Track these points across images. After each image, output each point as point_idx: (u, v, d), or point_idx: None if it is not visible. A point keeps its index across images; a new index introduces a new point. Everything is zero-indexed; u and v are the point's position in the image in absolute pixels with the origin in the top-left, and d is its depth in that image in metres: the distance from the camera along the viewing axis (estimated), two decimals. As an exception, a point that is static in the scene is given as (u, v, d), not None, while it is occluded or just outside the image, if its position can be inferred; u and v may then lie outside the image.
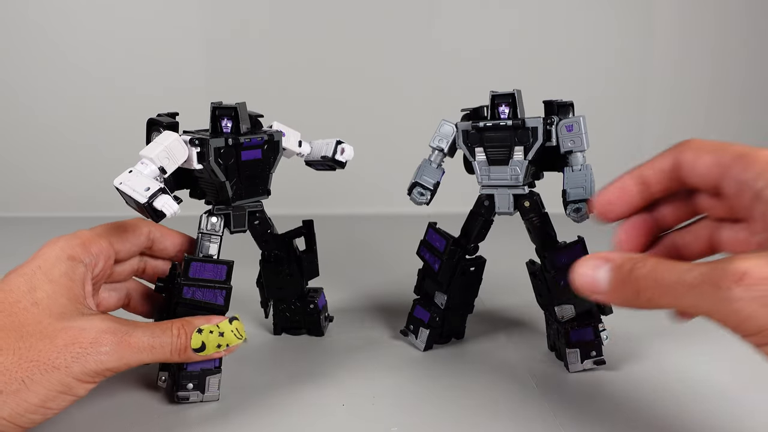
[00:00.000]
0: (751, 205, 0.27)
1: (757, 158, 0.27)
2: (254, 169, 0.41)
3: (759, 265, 0.22)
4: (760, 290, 0.22)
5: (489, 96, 0.44)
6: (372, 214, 1.12)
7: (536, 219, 0.45)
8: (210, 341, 0.36)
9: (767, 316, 0.22)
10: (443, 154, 0.47)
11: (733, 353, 0.48)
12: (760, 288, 0.22)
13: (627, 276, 0.27)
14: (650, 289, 0.26)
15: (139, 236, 0.41)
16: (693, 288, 0.24)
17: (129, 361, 0.33)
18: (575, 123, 0.42)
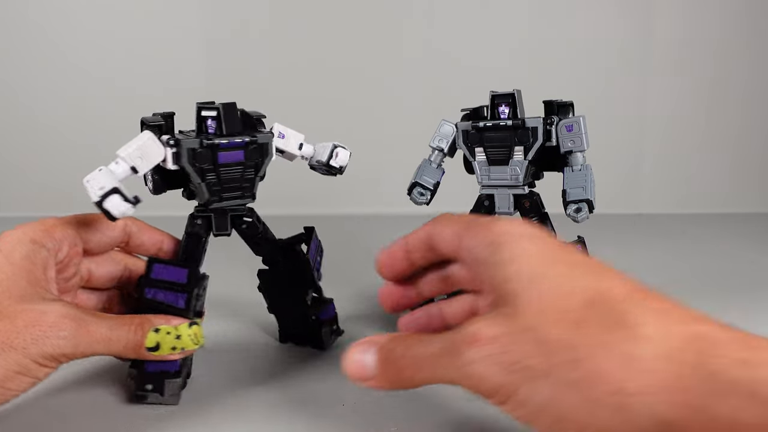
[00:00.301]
0: (479, 271, 0.27)
1: (482, 226, 0.28)
2: (234, 172, 0.40)
3: (487, 326, 0.24)
4: (489, 350, 0.23)
5: (489, 96, 0.45)
6: (372, 214, 1.12)
7: (536, 219, 0.45)
8: (165, 342, 0.35)
9: (499, 374, 0.23)
10: (443, 154, 0.47)
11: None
12: (488, 348, 0.23)
13: (389, 357, 0.27)
14: (409, 368, 0.26)
15: (113, 229, 0.39)
16: (439, 359, 0.25)
17: (84, 349, 0.33)
18: (575, 123, 0.42)
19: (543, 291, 0.24)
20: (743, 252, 0.86)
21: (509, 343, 0.23)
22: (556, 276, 0.24)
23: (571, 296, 0.24)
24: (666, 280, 0.70)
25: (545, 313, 0.23)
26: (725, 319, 0.58)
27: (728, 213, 1.19)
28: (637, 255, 0.85)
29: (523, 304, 0.24)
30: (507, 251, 0.26)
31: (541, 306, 0.23)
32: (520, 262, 0.25)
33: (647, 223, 1.12)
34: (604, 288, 0.24)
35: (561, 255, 0.26)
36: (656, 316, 0.23)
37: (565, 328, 0.23)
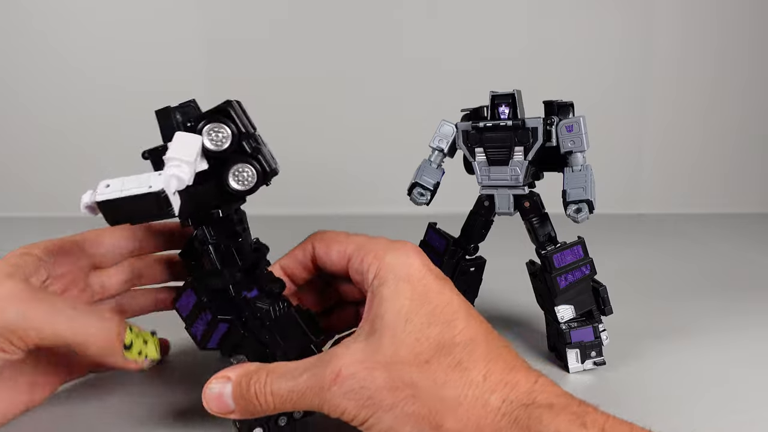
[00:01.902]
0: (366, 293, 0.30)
1: (372, 254, 0.31)
2: None
3: (350, 362, 0.27)
4: (348, 386, 0.26)
5: (489, 96, 0.44)
6: (372, 214, 1.12)
7: (536, 219, 0.45)
8: (136, 344, 0.32)
9: (355, 407, 0.26)
10: (443, 154, 0.47)
11: (732, 353, 0.48)
12: (348, 384, 0.26)
13: (246, 392, 0.29)
14: (270, 402, 0.28)
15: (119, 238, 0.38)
16: (304, 393, 0.27)
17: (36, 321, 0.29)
18: (575, 123, 0.42)
19: (404, 333, 0.27)
20: (743, 252, 0.86)
21: (366, 379, 0.26)
22: (418, 323, 0.27)
23: (424, 341, 0.27)
24: (666, 280, 0.71)
25: (401, 354, 0.27)
26: (725, 319, 0.58)
27: (728, 213, 1.19)
28: (637, 255, 0.85)
29: (385, 344, 0.27)
30: (387, 289, 0.29)
31: (399, 347, 0.27)
32: (394, 304, 0.28)
33: (647, 223, 1.12)
34: (450, 335, 0.27)
35: (429, 295, 0.29)
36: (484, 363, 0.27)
37: (414, 368, 0.26)
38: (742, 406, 0.40)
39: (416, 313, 0.28)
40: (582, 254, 0.44)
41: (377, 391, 0.26)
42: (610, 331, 0.46)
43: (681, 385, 0.43)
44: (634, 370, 0.45)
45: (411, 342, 0.27)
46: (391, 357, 0.27)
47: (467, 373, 0.26)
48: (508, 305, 0.59)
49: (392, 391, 0.26)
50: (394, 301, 0.28)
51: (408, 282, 0.29)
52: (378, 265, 0.30)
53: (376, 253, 0.31)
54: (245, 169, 0.32)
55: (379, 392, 0.26)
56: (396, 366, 0.26)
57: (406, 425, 0.26)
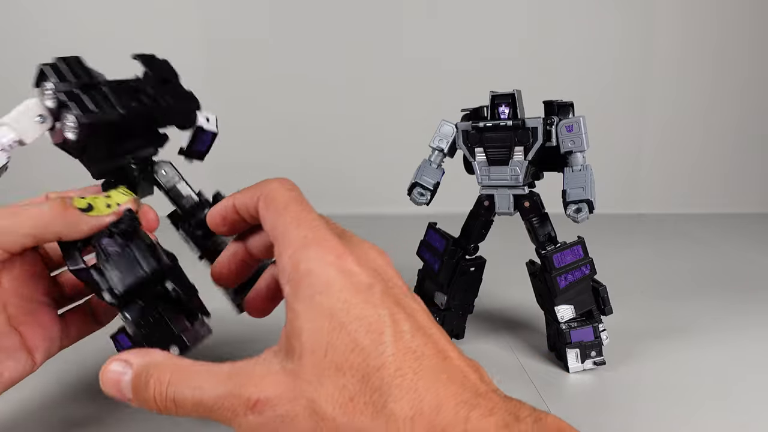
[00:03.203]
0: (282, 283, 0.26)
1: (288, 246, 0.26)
2: None
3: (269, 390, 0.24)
4: (267, 416, 0.24)
5: (489, 96, 0.45)
6: (372, 214, 1.12)
7: (536, 219, 0.45)
8: (97, 202, 0.32)
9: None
10: (443, 154, 0.47)
11: (732, 353, 0.48)
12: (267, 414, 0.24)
13: (144, 390, 0.26)
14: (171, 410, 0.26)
15: None
16: (213, 411, 0.25)
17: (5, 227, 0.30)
18: (575, 123, 0.42)
19: (325, 364, 0.24)
20: (743, 252, 0.86)
21: (286, 415, 0.24)
22: (339, 348, 0.24)
23: (347, 372, 0.23)
24: (666, 280, 0.71)
25: (323, 385, 0.23)
26: (725, 319, 0.58)
27: (728, 213, 1.19)
28: (637, 255, 0.85)
29: (306, 373, 0.24)
30: (301, 305, 0.25)
31: (321, 381, 0.24)
32: (312, 324, 0.24)
33: (647, 223, 1.12)
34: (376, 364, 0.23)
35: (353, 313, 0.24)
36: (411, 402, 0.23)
37: (338, 408, 0.23)
38: (741, 406, 0.40)
39: (338, 336, 0.24)
40: (582, 254, 0.44)
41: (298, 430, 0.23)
42: (610, 331, 0.46)
43: (681, 385, 0.43)
44: (634, 370, 0.45)
45: (333, 373, 0.24)
46: (314, 391, 0.24)
47: (394, 418, 0.23)
48: (508, 305, 0.59)
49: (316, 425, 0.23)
50: (310, 320, 0.24)
51: (326, 295, 0.25)
52: (292, 270, 0.26)
53: (291, 252, 0.26)
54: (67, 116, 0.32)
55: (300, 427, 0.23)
56: (320, 404, 0.23)
57: None
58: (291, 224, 0.27)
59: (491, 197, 0.46)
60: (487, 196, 0.46)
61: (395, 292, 0.26)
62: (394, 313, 0.25)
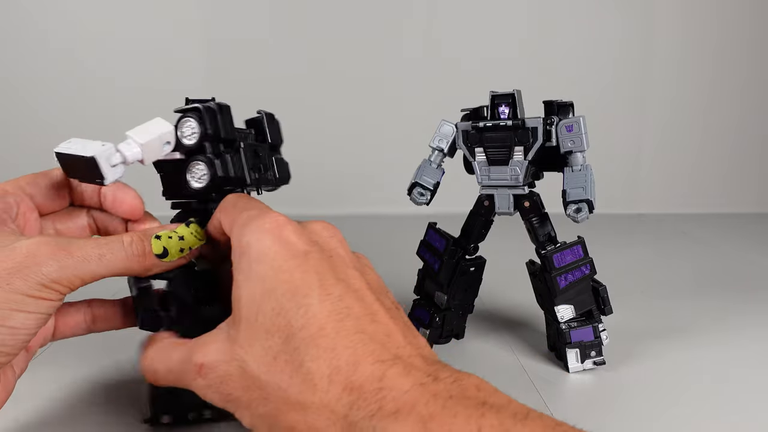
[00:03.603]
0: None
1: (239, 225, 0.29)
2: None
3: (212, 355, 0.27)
4: (209, 381, 0.27)
5: (489, 96, 0.44)
6: (372, 214, 1.12)
7: (536, 219, 0.45)
8: (171, 246, 0.33)
9: (220, 401, 0.27)
10: (443, 154, 0.47)
11: (732, 353, 0.48)
12: (209, 378, 0.26)
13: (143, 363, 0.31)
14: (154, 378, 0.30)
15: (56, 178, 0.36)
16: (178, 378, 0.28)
17: (75, 270, 0.30)
18: (575, 123, 0.42)
19: (256, 327, 0.26)
20: (743, 252, 0.86)
21: (224, 375, 0.26)
22: (268, 312, 0.26)
23: (274, 333, 0.25)
24: (666, 280, 0.71)
25: (253, 347, 0.26)
26: (725, 319, 0.58)
27: (728, 213, 1.19)
28: (637, 255, 0.85)
29: (241, 338, 0.26)
30: (241, 274, 0.27)
31: (252, 343, 0.26)
32: (247, 291, 0.27)
33: (647, 223, 1.12)
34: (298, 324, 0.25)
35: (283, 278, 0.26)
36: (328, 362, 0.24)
37: (263, 367, 0.25)
38: (741, 406, 0.40)
39: (267, 300, 0.26)
40: (582, 254, 0.44)
41: (235, 389, 0.26)
42: (610, 331, 0.46)
43: (681, 385, 0.43)
44: (634, 370, 0.45)
45: (262, 335, 0.26)
46: (245, 353, 0.26)
47: (311, 376, 0.24)
48: (508, 305, 0.59)
49: (246, 391, 0.26)
50: (247, 288, 0.27)
51: (260, 263, 0.27)
52: (236, 243, 0.28)
53: (236, 231, 0.29)
54: (198, 165, 0.33)
55: (236, 390, 0.26)
56: (249, 364, 0.26)
57: (263, 425, 0.25)
58: (238, 212, 0.30)
59: (491, 197, 0.46)
60: (487, 196, 0.46)
61: (333, 261, 0.28)
62: (324, 278, 0.26)
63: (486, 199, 0.46)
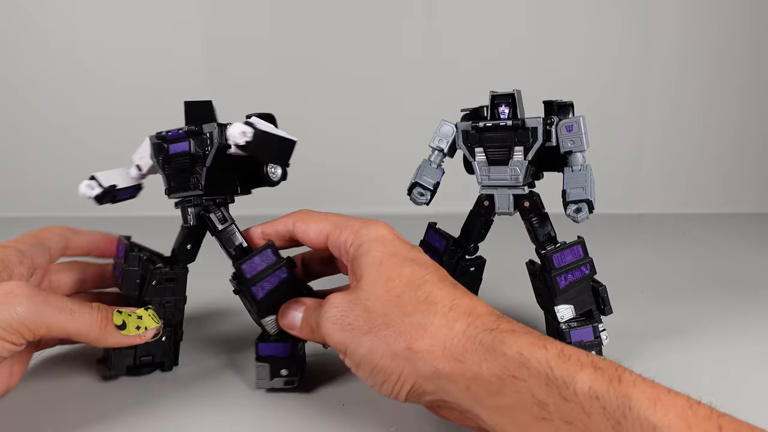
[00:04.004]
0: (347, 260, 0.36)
1: (347, 228, 0.36)
2: (183, 163, 0.40)
3: (337, 296, 0.33)
4: (333, 313, 0.32)
5: (489, 96, 0.44)
6: (372, 214, 1.12)
7: (536, 219, 0.45)
8: (130, 321, 0.36)
9: (337, 332, 0.32)
10: (443, 154, 0.47)
11: (732, 353, 0.48)
12: (333, 311, 0.32)
13: (307, 318, 0.36)
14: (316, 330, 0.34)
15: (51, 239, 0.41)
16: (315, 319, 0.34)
17: (46, 318, 0.32)
18: (575, 123, 0.42)
19: (378, 275, 0.32)
20: (743, 252, 0.86)
21: (346, 309, 0.32)
22: (390, 266, 0.32)
23: (396, 279, 0.32)
24: (666, 280, 0.71)
25: (374, 291, 0.32)
26: (725, 319, 0.58)
27: (728, 213, 1.19)
28: (637, 255, 0.85)
29: (363, 283, 0.32)
30: (363, 249, 0.34)
31: (373, 285, 0.32)
32: (370, 256, 0.33)
33: (647, 223, 1.12)
34: (420, 275, 0.32)
35: (400, 251, 0.34)
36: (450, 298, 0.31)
37: (386, 301, 0.31)
38: (742, 406, 0.40)
39: (389, 260, 0.33)
40: (582, 254, 0.44)
41: (355, 319, 0.31)
42: (610, 331, 0.46)
43: (681, 385, 0.42)
44: (634, 370, 0.45)
45: (384, 281, 0.32)
46: (367, 293, 0.32)
47: (433, 305, 0.30)
48: (508, 305, 0.59)
49: (368, 320, 0.31)
50: (368, 255, 0.33)
51: (380, 241, 0.34)
52: (354, 237, 0.35)
53: (351, 228, 0.36)
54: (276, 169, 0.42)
55: (356, 320, 0.31)
56: (371, 299, 0.31)
57: (380, 347, 0.30)
58: (339, 219, 0.37)
59: (491, 197, 0.46)
60: (487, 196, 0.46)
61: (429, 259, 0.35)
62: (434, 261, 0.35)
63: (486, 199, 0.46)
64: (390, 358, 0.29)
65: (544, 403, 0.25)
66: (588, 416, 0.24)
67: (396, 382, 0.30)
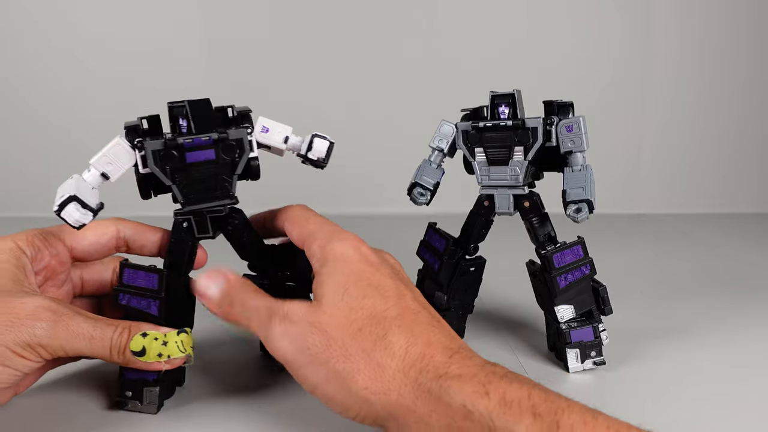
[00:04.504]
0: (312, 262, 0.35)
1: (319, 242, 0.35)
2: (206, 171, 0.37)
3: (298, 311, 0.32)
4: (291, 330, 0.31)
5: (489, 96, 0.44)
6: (372, 214, 1.12)
7: (536, 219, 0.45)
8: (152, 348, 0.35)
9: (292, 351, 0.31)
10: (443, 154, 0.47)
11: (732, 353, 0.48)
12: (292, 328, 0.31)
13: (227, 298, 0.35)
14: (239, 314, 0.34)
15: (102, 235, 0.39)
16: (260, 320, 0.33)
17: (64, 343, 0.32)
18: (575, 123, 0.42)
19: (341, 302, 0.32)
20: (743, 252, 0.86)
21: (306, 332, 0.31)
22: (354, 295, 0.32)
23: (358, 311, 0.31)
24: (666, 280, 0.71)
25: (337, 318, 0.31)
26: (725, 319, 0.58)
27: (728, 213, 1.19)
28: (637, 255, 0.85)
29: (325, 308, 0.32)
30: (328, 269, 0.33)
31: (335, 312, 0.31)
32: (334, 279, 0.33)
33: (647, 223, 1.12)
34: (381, 309, 0.32)
35: (364, 275, 0.33)
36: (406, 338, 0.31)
37: (347, 333, 0.31)
38: (741, 406, 0.40)
39: (353, 286, 0.32)
40: (582, 254, 0.44)
41: (314, 344, 0.31)
42: (610, 331, 0.46)
43: (681, 385, 0.43)
44: (634, 370, 0.45)
45: (346, 310, 0.31)
46: (329, 318, 0.31)
47: (391, 346, 0.30)
48: (508, 305, 0.59)
49: (327, 348, 0.30)
50: (332, 277, 0.33)
51: (345, 263, 0.33)
52: (320, 252, 0.35)
53: (320, 242, 0.35)
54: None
55: (315, 346, 0.30)
56: (332, 327, 0.31)
57: (336, 381, 0.30)
58: (315, 227, 0.36)
59: (491, 197, 0.46)
60: (487, 196, 0.46)
61: (401, 276, 0.36)
62: (398, 285, 0.33)
63: (486, 199, 0.46)
64: (347, 395, 0.30)
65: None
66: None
67: (355, 417, 0.30)
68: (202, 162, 0.37)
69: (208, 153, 0.37)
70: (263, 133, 0.40)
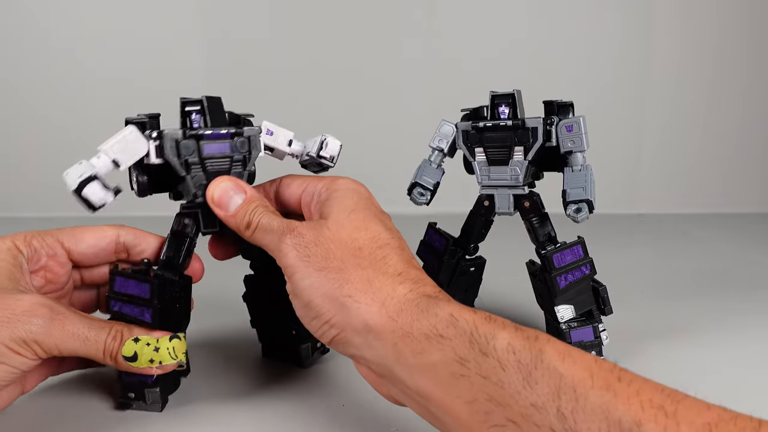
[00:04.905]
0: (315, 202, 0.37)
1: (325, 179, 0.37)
2: (221, 164, 0.38)
3: (304, 226, 0.33)
4: (297, 240, 0.33)
5: (489, 96, 0.44)
6: (372, 214, 1.12)
7: (536, 219, 0.45)
8: (143, 354, 0.35)
9: (294, 257, 0.32)
10: (443, 154, 0.47)
11: (732, 353, 0.48)
12: (297, 239, 0.33)
13: (246, 210, 0.35)
14: (255, 229, 0.35)
15: (101, 238, 0.39)
16: (273, 233, 0.34)
17: (58, 342, 0.33)
18: (575, 123, 0.42)
19: (347, 221, 0.33)
20: (743, 252, 0.86)
21: (310, 243, 0.32)
22: (361, 217, 0.34)
23: (363, 231, 0.33)
24: (666, 280, 0.71)
25: (340, 235, 0.33)
26: (725, 319, 0.58)
27: (728, 213, 1.19)
28: (637, 255, 0.85)
29: (330, 224, 0.33)
30: (339, 194, 0.35)
31: (340, 229, 0.33)
32: (344, 201, 0.35)
33: (647, 223, 1.12)
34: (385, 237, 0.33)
35: (372, 207, 0.35)
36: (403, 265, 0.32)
37: (347, 249, 0.32)
38: (742, 407, 0.40)
39: (361, 210, 0.34)
40: (582, 254, 0.44)
41: (315, 254, 0.32)
42: (610, 331, 0.46)
43: (681, 385, 0.42)
44: (634, 370, 0.44)
45: (351, 228, 0.33)
46: (333, 234, 0.33)
47: (387, 266, 0.32)
48: (508, 305, 0.59)
49: (325, 259, 0.32)
50: (342, 200, 0.35)
51: (354, 192, 0.36)
52: (330, 183, 0.37)
53: (326, 182, 0.37)
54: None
55: (315, 255, 0.32)
56: (335, 243, 0.32)
57: (324, 286, 0.31)
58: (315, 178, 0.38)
59: (491, 197, 0.46)
60: (487, 196, 0.46)
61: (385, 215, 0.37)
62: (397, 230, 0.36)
63: (486, 199, 0.46)
64: (328, 300, 0.31)
65: (465, 359, 0.26)
66: (503, 369, 0.25)
67: (324, 323, 0.31)
68: (217, 155, 0.38)
69: (223, 146, 0.38)
70: (268, 135, 0.41)
